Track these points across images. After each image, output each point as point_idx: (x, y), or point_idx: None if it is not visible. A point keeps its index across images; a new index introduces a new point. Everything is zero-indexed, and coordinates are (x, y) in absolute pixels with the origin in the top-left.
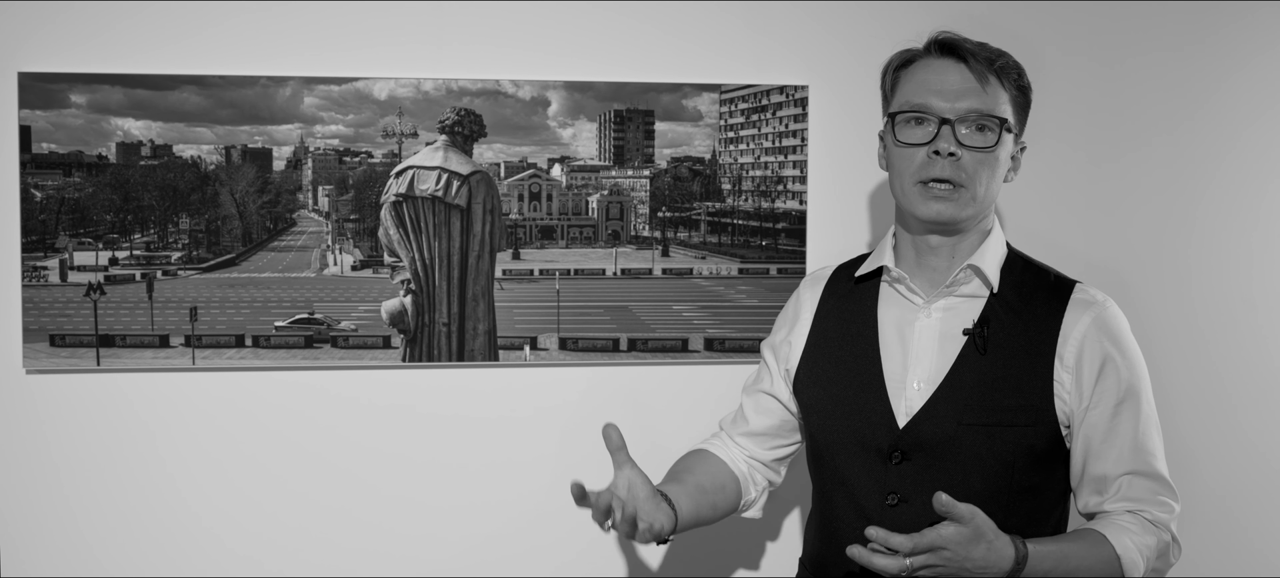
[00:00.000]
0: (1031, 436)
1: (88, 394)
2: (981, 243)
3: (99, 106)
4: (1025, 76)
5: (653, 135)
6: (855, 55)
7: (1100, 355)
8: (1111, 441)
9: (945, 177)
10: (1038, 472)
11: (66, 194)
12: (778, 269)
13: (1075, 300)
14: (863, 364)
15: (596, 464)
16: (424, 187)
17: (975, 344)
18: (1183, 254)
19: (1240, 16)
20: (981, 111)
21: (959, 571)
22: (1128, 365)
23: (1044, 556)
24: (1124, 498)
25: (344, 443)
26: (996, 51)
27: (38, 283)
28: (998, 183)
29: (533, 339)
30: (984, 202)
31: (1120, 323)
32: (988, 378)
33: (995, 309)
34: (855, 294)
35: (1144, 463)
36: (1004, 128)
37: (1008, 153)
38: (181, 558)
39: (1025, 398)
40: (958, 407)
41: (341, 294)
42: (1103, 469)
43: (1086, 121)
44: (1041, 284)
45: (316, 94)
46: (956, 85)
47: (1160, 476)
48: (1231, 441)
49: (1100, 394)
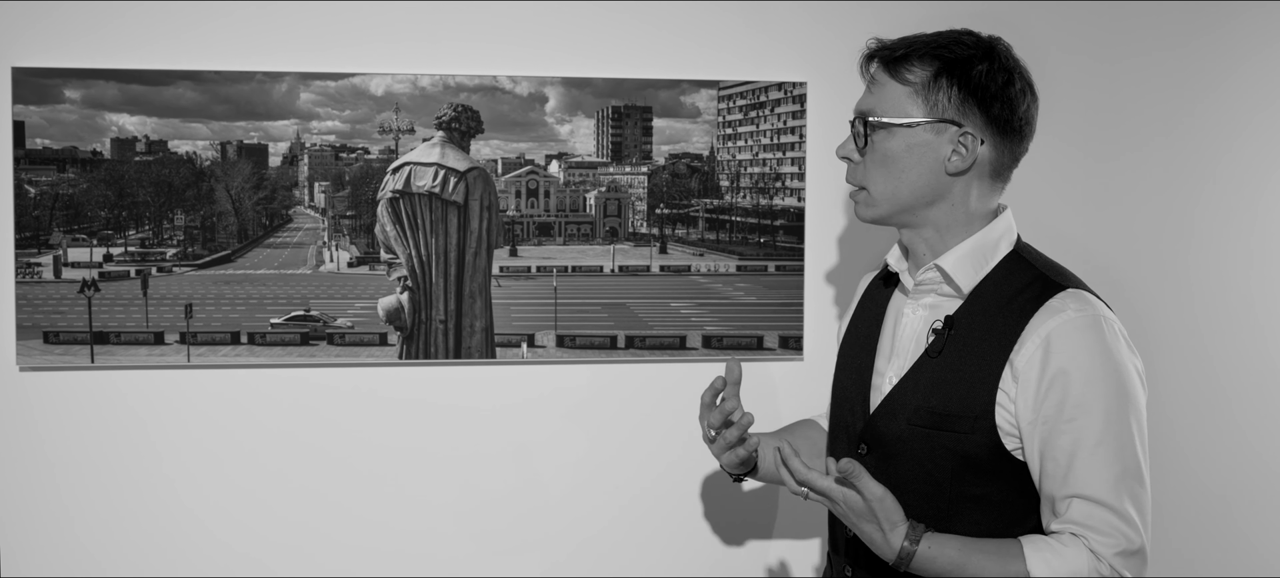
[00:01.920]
0: (969, 444)
1: (82, 392)
2: (962, 239)
3: (93, 102)
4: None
5: (650, 132)
6: (853, 52)
7: (1053, 367)
8: (1058, 460)
9: (848, 180)
10: (980, 481)
11: (60, 190)
12: (776, 266)
13: (1046, 306)
14: (861, 353)
15: (595, 461)
16: (421, 183)
17: (930, 346)
18: (1181, 252)
19: (1239, 15)
20: (859, 114)
21: (856, 531)
22: (1086, 381)
23: (936, 558)
24: (1069, 521)
25: (341, 440)
26: (906, 45)
27: (31, 279)
28: (906, 178)
29: (530, 336)
30: (896, 199)
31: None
32: (936, 380)
33: (969, 310)
34: (882, 292)
35: (1095, 488)
36: (869, 128)
37: (914, 145)
38: (177, 556)
39: (966, 405)
40: (909, 407)
41: (338, 291)
42: (1050, 489)
43: (1085, 120)
44: (1027, 286)
45: (313, 90)
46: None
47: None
48: (1229, 439)
49: (1049, 408)
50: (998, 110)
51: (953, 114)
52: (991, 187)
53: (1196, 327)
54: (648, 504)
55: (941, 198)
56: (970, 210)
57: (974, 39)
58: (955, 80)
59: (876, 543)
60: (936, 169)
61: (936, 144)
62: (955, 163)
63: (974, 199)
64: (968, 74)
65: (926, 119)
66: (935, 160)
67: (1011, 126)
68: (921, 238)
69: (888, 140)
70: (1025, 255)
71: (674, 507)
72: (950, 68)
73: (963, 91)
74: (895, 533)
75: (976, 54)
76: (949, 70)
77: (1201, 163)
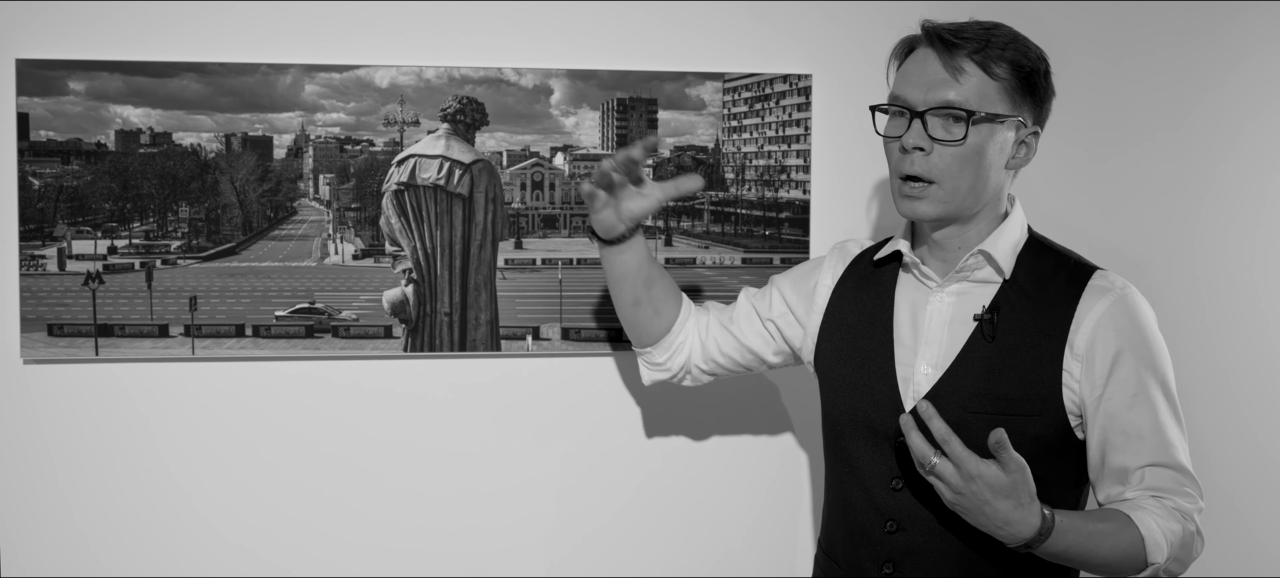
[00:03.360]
0: (1037, 426)
1: (86, 384)
2: (996, 227)
3: (98, 94)
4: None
5: (656, 124)
6: (859, 44)
7: (1115, 345)
8: (1130, 433)
9: (916, 173)
10: (1044, 463)
11: (65, 182)
12: (781, 259)
13: (1092, 287)
14: (875, 345)
15: (600, 454)
16: (426, 175)
17: (984, 331)
18: (1187, 249)
19: (1242, 13)
20: (950, 104)
21: (976, 511)
22: (1146, 355)
23: (1068, 530)
24: (1147, 487)
25: (345, 433)
26: (986, 35)
27: (35, 272)
28: (987, 174)
29: (535, 329)
30: (967, 195)
31: (1139, 311)
32: (994, 365)
33: (1008, 295)
34: (874, 277)
35: (1166, 455)
36: (971, 120)
37: (999, 142)
38: (180, 550)
39: (1032, 388)
40: (964, 394)
41: (343, 284)
42: (1122, 461)
43: (1090, 118)
44: (1059, 270)
45: (317, 82)
46: (931, 76)
47: (1184, 468)
48: (1238, 436)
49: (1116, 385)
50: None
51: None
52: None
53: (1201, 324)
54: (653, 498)
55: (999, 191)
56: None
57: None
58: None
59: (1010, 521)
60: (1003, 165)
61: (1011, 142)
62: (1020, 158)
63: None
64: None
65: (1012, 116)
66: (1006, 157)
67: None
68: (969, 229)
69: (985, 137)
70: (1042, 241)
71: (679, 501)
72: (1028, 67)
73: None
74: (1032, 509)
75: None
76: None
77: (1206, 160)
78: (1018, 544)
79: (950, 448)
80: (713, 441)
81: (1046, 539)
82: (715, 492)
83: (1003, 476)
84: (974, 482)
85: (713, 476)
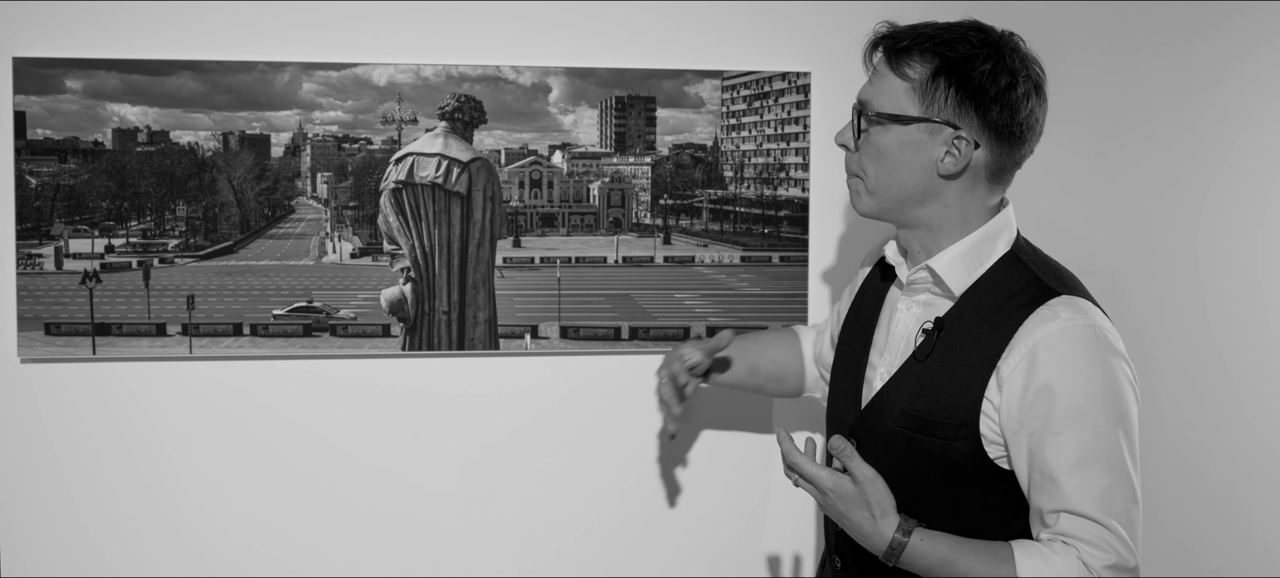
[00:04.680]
0: (952, 450)
1: (84, 383)
2: (956, 239)
3: (95, 92)
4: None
5: (654, 122)
6: (857, 42)
7: (1042, 377)
8: (1045, 473)
9: (846, 167)
10: (962, 488)
11: (62, 181)
12: (780, 257)
13: (1037, 314)
14: (857, 346)
15: (598, 452)
16: (424, 173)
17: (918, 350)
18: (1187, 248)
19: (1243, 11)
20: (860, 102)
21: (839, 522)
22: (1075, 393)
23: (928, 552)
24: (1060, 532)
25: (344, 432)
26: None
27: (33, 271)
28: (898, 175)
29: (534, 328)
30: (887, 195)
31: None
32: (923, 384)
33: (960, 313)
34: (880, 281)
35: (1083, 504)
36: (861, 118)
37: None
38: (180, 548)
39: (952, 411)
40: (895, 409)
41: (341, 282)
42: (1039, 501)
43: (1089, 116)
44: (1020, 290)
45: (315, 80)
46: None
47: (1103, 521)
48: (1238, 434)
49: (1035, 419)
50: (997, 114)
51: (948, 115)
52: (990, 189)
53: (1202, 322)
54: (651, 496)
55: (933, 198)
56: (965, 212)
57: (981, 36)
58: (954, 80)
59: (866, 532)
60: (928, 169)
61: (930, 144)
62: (948, 166)
63: (970, 201)
64: (968, 74)
65: (921, 118)
66: (928, 160)
67: (1011, 131)
68: (915, 236)
69: (881, 134)
70: (1022, 257)
71: (677, 498)
72: (951, 67)
73: (961, 93)
74: (887, 521)
75: (981, 53)
76: (949, 69)
77: (1206, 159)
78: (881, 556)
79: (803, 469)
80: (712, 438)
81: (901, 554)
82: (714, 489)
83: (852, 487)
84: (828, 495)
85: (712, 473)
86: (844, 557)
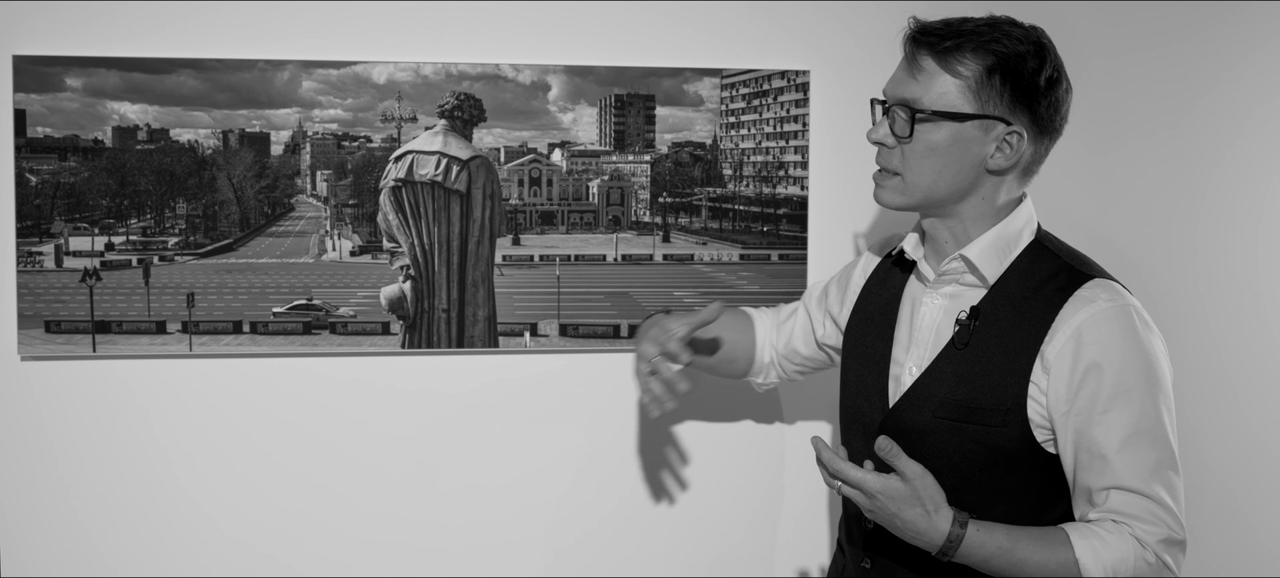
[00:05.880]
0: (1000, 437)
1: (84, 381)
2: (986, 229)
3: (95, 90)
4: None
5: (653, 120)
6: (857, 40)
7: (1088, 357)
8: (1094, 451)
9: (878, 163)
10: (1010, 475)
11: (62, 179)
12: (779, 255)
13: (1076, 297)
14: (876, 341)
15: (598, 450)
16: (423, 171)
17: (956, 338)
18: (1187, 246)
19: (1243, 10)
20: (903, 100)
21: (891, 524)
22: (1120, 372)
23: (984, 543)
24: (1110, 510)
25: (343, 429)
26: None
27: (33, 268)
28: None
29: (533, 326)
30: (930, 191)
31: (1122, 325)
32: (964, 372)
33: (995, 301)
34: (893, 273)
35: (1133, 479)
36: (916, 117)
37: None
38: (179, 545)
39: (998, 398)
40: (934, 399)
41: (340, 280)
42: (1087, 481)
43: (1089, 115)
44: (1054, 276)
45: (315, 78)
46: (899, 72)
47: (1153, 495)
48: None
49: (1083, 400)
50: (1043, 110)
51: (1003, 112)
52: (1020, 182)
53: (1202, 320)
54: (651, 494)
55: (974, 192)
56: (998, 203)
57: (1022, 32)
58: (1009, 77)
59: (920, 529)
60: (977, 165)
61: (982, 141)
62: (998, 161)
63: (1003, 193)
64: (1021, 71)
65: (977, 115)
66: (979, 156)
67: (1051, 126)
68: (945, 227)
69: (933, 132)
70: (1048, 244)
71: (678, 496)
72: (1005, 64)
73: (1014, 90)
74: (941, 515)
75: (1028, 50)
76: (1003, 66)
77: (1205, 157)
78: (935, 552)
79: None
80: (712, 435)
81: (958, 547)
82: (714, 486)
83: (902, 486)
84: (877, 498)
85: (712, 470)
86: (874, 556)
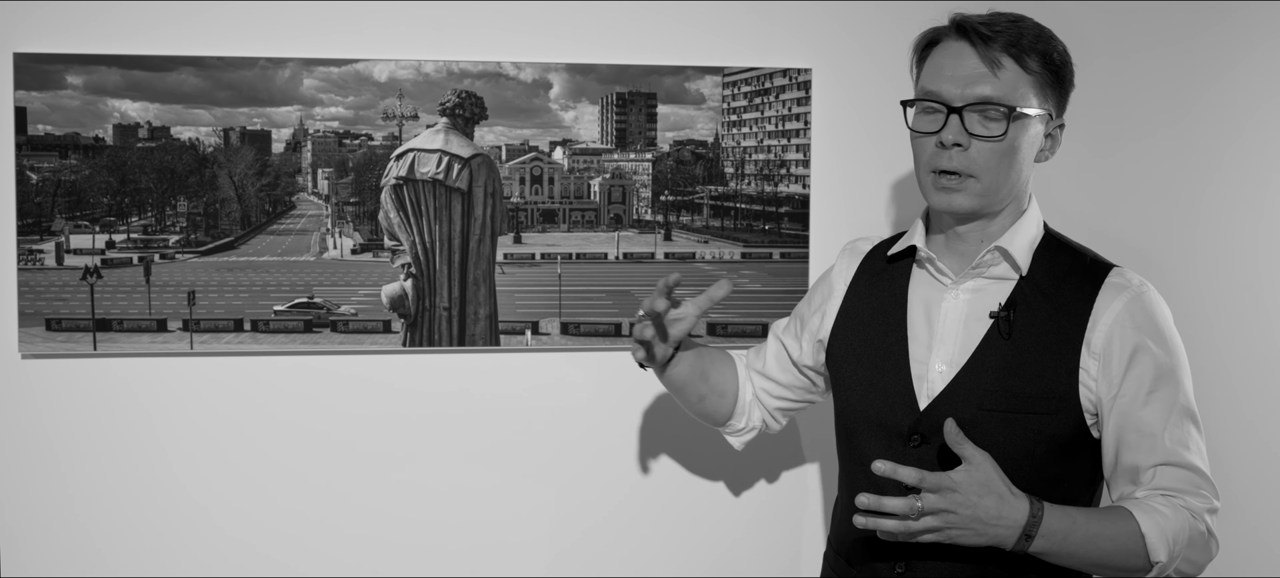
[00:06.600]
0: (1053, 424)
1: (84, 379)
2: (1013, 223)
3: (95, 88)
4: (1055, 49)
5: (655, 118)
6: (859, 38)
7: (1131, 343)
8: (1143, 431)
9: (953, 167)
10: (1060, 461)
11: (63, 176)
12: (781, 253)
13: (1109, 284)
14: (889, 343)
15: (599, 449)
16: (424, 169)
17: (1000, 328)
18: (1188, 245)
19: (1243, 9)
20: (989, 100)
21: (968, 525)
22: (1163, 353)
23: (1060, 523)
24: (1158, 486)
25: (344, 428)
26: (1017, 29)
27: (34, 266)
28: (1020, 169)
29: (534, 324)
30: (1002, 189)
31: (1156, 309)
32: (1010, 363)
33: (1024, 292)
34: (888, 273)
35: (1179, 455)
36: (1012, 116)
37: (1031, 136)
38: (180, 545)
39: (1048, 385)
40: (979, 392)
41: (341, 278)
42: (1134, 460)
43: (1090, 114)
44: (1075, 267)
45: (316, 76)
46: (967, 71)
47: (1197, 468)
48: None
49: (1131, 383)
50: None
51: (1053, 106)
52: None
53: (1203, 318)
54: (653, 493)
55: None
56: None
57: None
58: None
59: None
60: (1032, 159)
61: (1039, 137)
62: (1045, 155)
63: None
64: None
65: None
66: (1035, 151)
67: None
68: (983, 224)
69: (1023, 131)
70: (1057, 236)
71: (679, 495)
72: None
73: (1061, 84)
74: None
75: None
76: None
77: (1206, 156)
78: (1016, 537)
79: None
80: (713, 435)
81: (1039, 526)
82: (715, 488)
83: (973, 473)
84: (952, 494)
85: (712, 471)
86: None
